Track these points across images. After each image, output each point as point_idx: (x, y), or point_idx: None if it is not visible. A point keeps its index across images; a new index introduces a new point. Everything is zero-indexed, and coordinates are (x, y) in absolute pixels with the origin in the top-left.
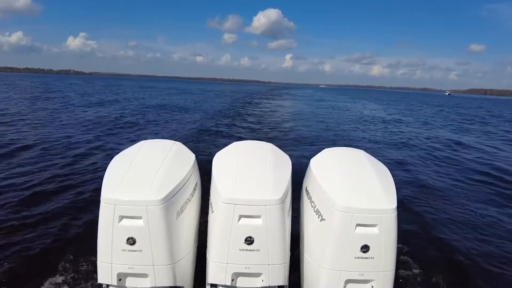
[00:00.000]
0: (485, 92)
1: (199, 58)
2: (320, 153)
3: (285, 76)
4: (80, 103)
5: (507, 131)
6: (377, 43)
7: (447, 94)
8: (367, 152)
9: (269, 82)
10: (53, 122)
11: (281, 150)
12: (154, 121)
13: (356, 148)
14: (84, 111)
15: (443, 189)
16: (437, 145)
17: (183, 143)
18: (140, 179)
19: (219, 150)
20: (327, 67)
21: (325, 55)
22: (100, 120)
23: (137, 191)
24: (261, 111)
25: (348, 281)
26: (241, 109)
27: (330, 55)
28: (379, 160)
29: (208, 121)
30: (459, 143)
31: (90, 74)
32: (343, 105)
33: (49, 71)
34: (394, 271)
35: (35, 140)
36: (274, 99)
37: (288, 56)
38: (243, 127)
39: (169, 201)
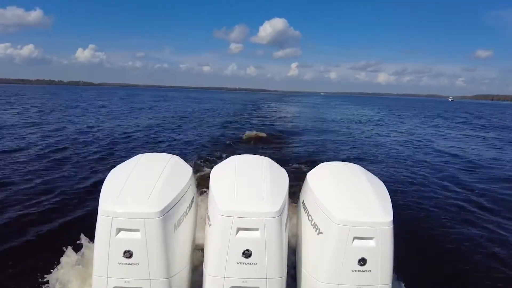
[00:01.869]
0: (492, 98)
1: (205, 68)
2: (316, 167)
3: (291, 84)
4: (99, 112)
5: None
6: (383, 50)
7: (450, 100)
8: (362, 167)
9: (275, 91)
10: (58, 132)
11: (278, 164)
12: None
13: (351, 162)
14: (98, 122)
15: (438, 201)
16: (432, 157)
17: (181, 157)
18: (138, 191)
19: (217, 164)
20: (332, 75)
21: (331, 63)
22: (113, 130)
23: (134, 203)
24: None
25: None
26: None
27: (335, 63)
28: (374, 174)
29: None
30: (455, 155)
31: (99, 84)
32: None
33: (60, 82)
34: (391, 284)
35: (37, 149)
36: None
37: (293, 65)
38: (251, 123)
39: (167, 214)
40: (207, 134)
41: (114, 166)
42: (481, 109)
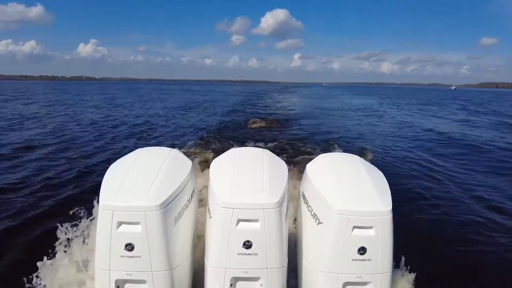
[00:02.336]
0: (496, 85)
1: (207, 61)
2: (315, 158)
3: (294, 75)
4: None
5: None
6: (386, 40)
7: (453, 88)
8: (361, 157)
9: (278, 82)
10: (63, 127)
11: (277, 156)
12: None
13: (350, 153)
14: (100, 115)
15: (437, 190)
16: (432, 145)
17: (183, 146)
18: (138, 185)
19: (216, 156)
20: (335, 65)
21: (333, 53)
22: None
23: (135, 197)
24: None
25: (346, 284)
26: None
27: (338, 53)
28: (373, 164)
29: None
30: (454, 138)
31: (101, 79)
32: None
33: (62, 78)
34: (391, 272)
35: (36, 143)
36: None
37: (296, 56)
38: (254, 112)
39: (167, 207)
40: (211, 123)
41: (113, 160)
42: (482, 96)
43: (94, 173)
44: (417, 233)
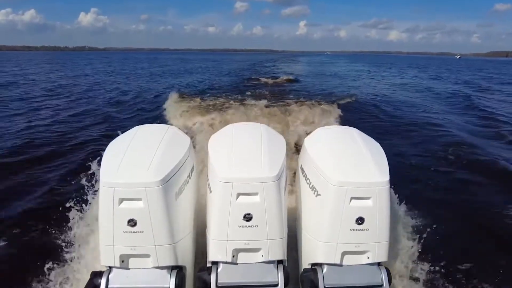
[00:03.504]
0: (506, 54)
1: (211, 29)
2: (313, 132)
3: (299, 44)
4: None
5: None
6: (395, 7)
7: (457, 57)
8: (359, 129)
9: (283, 51)
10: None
11: (275, 130)
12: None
13: (348, 126)
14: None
15: (434, 161)
16: (429, 116)
17: (178, 127)
18: (138, 162)
19: (214, 132)
20: (342, 33)
21: (340, 21)
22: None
23: (135, 173)
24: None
25: (344, 253)
26: None
27: (345, 21)
28: (370, 136)
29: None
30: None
31: (104, 49)
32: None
33: (65, 48)
34: (388, 241)
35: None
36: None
37: (302, 23)
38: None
39: (168, 182)
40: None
41: (112, 138)
42: (483, 65)
43: (92, 152)
44: (414, 203)
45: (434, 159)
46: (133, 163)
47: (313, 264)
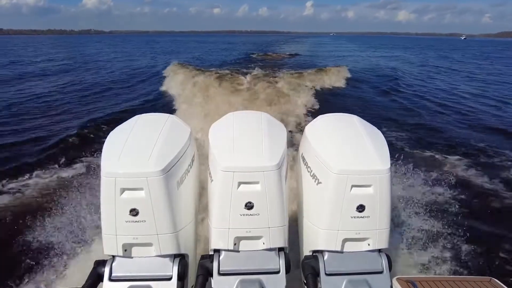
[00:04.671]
0: None
1: (216, 10)
2: (314, 120)
3: (306, 25)
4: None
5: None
6: None
7: (463, 38)
8: (360, 117)
9: (289, 32)
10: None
11: (275, 119)
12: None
13: (348, 113)
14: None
15: (435, 148)
16: (428, 104)
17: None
18: (139, 151)
19: (215, 121)
20: (350, 14)
21: (348, 1)
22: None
23: (136, 163)
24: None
25: (345, 240)
26: None
27: (353, 1)
28: (371, 123)
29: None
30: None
31: (110, 32)
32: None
33: (71, 32)
34: (389, 228)
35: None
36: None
37: (308, 3)
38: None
39: (169, 172)
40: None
41: (110, 126)
42: (472, 45)
43: (95, 139)
44: (415, 190)
45: (436, 145)
46: (134, 152)
47: (314, 251)
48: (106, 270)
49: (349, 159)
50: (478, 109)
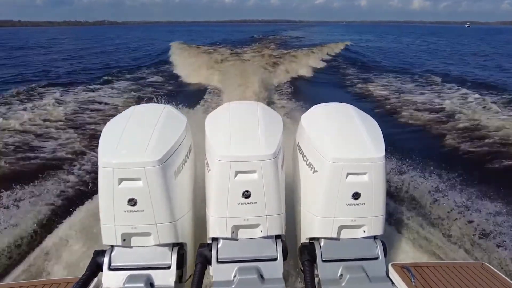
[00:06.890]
0: None
1: (227, 0)
2: (310, 109)
3: (318, 14)
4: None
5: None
6: None
7: (467, 26)
8: (355, 106)
9: (301, 21)
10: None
11: (271, 108)
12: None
13: (344, 103)
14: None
15: (429, 136)
16: (421, 95)
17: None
18: (136, 142)
19: (211, 111)
20: (363, 2)
21: None
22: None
23: (133, 153)
24: None
25: (341, 227)
26: None
27: None
28: (367, 113)
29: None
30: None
31: (123, 23)
32: None
33: (86, 23)
34: (384, 215)
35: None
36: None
37: None
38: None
39: (166, 162)
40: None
41: (108, 119)
42: (469, 33)
43: (91, 131)
44: (409, 178)
45: (430, 132)
46: (131, 143)
47: (311, 238)
48: (106, 260)
49: (344, 147)
50: (476, 97)
